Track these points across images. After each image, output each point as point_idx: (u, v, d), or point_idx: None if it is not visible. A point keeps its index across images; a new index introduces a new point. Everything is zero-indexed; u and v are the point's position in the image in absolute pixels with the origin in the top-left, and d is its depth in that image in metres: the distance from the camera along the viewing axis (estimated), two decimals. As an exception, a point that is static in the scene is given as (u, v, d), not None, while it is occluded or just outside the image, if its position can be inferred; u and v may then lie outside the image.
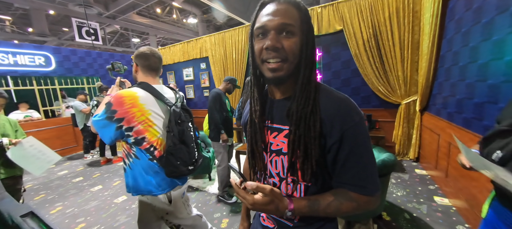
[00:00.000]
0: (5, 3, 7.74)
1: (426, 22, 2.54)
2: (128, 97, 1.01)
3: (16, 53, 4.36)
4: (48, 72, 4.80)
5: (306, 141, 0.51)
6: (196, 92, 5.39)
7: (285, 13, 0.49)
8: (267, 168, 0.61)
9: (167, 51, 5.58)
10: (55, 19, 9.66)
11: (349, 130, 0.49)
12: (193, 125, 1.26)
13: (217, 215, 2.22)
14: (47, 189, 3.12)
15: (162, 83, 1.26)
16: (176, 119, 1.08)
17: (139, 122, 1.02)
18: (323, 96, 0.53)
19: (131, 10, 7.95)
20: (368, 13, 3.05)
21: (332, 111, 0.51)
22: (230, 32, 4.39)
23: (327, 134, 0.51)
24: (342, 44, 3.40)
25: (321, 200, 0.52)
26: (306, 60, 0.52)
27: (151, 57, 1.15)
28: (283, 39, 0.49)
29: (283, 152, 0.56)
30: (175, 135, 1.06)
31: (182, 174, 1.10)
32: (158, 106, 1.09)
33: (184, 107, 1.21)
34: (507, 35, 1.35)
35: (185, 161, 1.10)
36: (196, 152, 1.20)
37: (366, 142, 0.51)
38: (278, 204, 0.50)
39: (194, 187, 2.88)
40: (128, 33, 11.88)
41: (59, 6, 7.36)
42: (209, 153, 2.96)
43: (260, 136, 0.60)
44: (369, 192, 0.51)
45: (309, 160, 0.51)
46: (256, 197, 0.49)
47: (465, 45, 1.86)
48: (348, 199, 0.52)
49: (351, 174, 0.51)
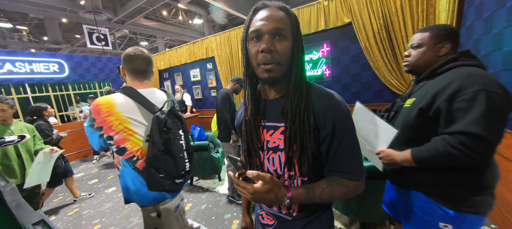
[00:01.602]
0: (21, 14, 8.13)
1: (442, 10, 2.39)
2: (104, 105, 0.93)
3: (31, 62, 4.55)
4: (62, 78, 4.99)
5: (302, 135, 0.55)
6: (204, 92, 5.42)
7: (277, 18, 0.52)
8: (264, 166, 0.65)
9: (174, 53, 5.64)
10: (68, 27, 10.04)
11: (339, 121, 0.54)
12: (185, 132, 1.13)
13: (227, 216, 2.21)
14: (65, 191, 3.24)
15: (151, 86, 1.15)
16: (160, 126, 0.96)
17: (118, 131, 0.94)
18: (313, 93, 0.58)
19: (138, 14, 8.11)
20: (378, 4, 2.91)
21: (323, 105, 0.56)
22: (235, 30, 4.35)
23: (320, 127, 0.56)
24: (351, 38, 3.27)
25: (316, 188, 0.57)
26: (297, 62, 0.56)
27: (136, 60, 1.05)
28: (276, 42, 0.53)
29: (280, 148, 0.60)
30: (156, 145, 0.95)
31: (166, 188, 0.98)
32: (140, 113, 0.99)
33: (173, 113, 1.08)
34: (538, 19, 1.22)
35: (170, 174, 0.99)
36: (187, 163, 1.09)
37: (353, 132, 0.57)
38: (278, 192, 0.53)
39: (204, 187, 2.90)
40: (137, 37, 12.15)
41: (70, 14, 7.62)
42: (218, 153, 2.96)
43: (256, 134, 0.64)
44: (357, 177, 0.57)
45: (305, 153, 0.56)
46: (256, 186, 0.52)
47: (487, 32, 1.73)
48: (340, 184, 0.57)
49: (341, 162, 0.56)
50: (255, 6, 0.56)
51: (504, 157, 1.51)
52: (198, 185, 2.99)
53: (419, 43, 0.90)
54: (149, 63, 1.10)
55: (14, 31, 9.73)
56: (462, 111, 0.70)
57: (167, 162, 0.99)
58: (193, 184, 3.03)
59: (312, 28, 3.55)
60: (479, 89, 0.69)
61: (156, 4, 7.45)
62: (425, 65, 0.89)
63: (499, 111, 0.69)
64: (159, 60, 6.04)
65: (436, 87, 0.79)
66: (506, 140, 1.48)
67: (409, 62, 0.94)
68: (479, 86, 0.69)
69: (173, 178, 1.01)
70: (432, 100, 0.78)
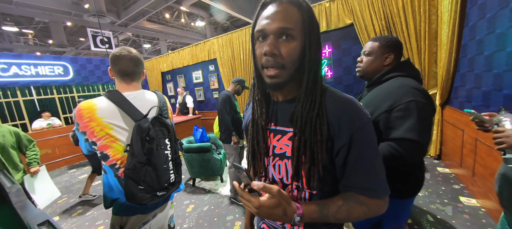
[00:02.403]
0: (27, 18, 8.28)
1: (445, 10, 2.38)
2: (85, 110, 0.89)
3: (37, 65, 4.63)
4: (67, 81, 5.06)
5: (312, 146, 0.49)
6: (206, 94, 5.45)
7: (285, 16, 0.47)
8: (269, 172, 0.59)
9: (176, 55, 5.68)
10: (72, 30, 10.19)
11: (358, 131, 0.47)
12: (173, 141, 1.04)
13: (229, 217, 2.21)
14: (69, 193, 3.27)
15: (140, 88, 1.07)
16: (142, 135, 0.89)
17: (100, 137, 0.89)
18: (328, 97, 0.51)
19: (141, 17, 8.20)
20: (380, 5, 2.90)
21: (338, 112, 0.49)
22: (237, 32, 4.37)
23: (335, 136, 0.49)
24: (353, 39, 3.27)
25: (331, 205, 0.50)
26: (310, 63, 0.50)
27: (122, 60, 0.97)
28: (282, 44, 0.48)
29: (286, 155, 0.54)
30: (137, 155, 0.88)
31: (145, 202, 0.91)
32: (123, 118, 0.93)
33: (160, 120, 0.99)
34: (542, 19, 1.21)
35: (151, 186, 0.92)
36: (172, 174, 1.02)
37: (375, 143, 0.50)
38: (286, 207, 0.46)
39: (206, 189, 2.90)
40: (140, 40, 12.28)
41: (75, 18, 7.74)
42: (220, 154, 2.96)
43: (262, 136, 0.59)
44: (379, 195, 0.50)
45: (315, 166, 0.49)
46: (262, 199, 0.45)
47: (491, 32, 1.71)
48: (358, 202, 0.49)
49: (360, 177, 0.49)
50: (263, 0, 0.51)
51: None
52: (200, 186, 3.00)
53: (369, 51, 1.01)
54: (137, 64, 1.02)
55: (20, 34, 9.91)
56: (399, 120, 0.83)
57: (148, 173, 0.92)
58: (196, 186, 3.04)
59: (314, 30, 3.55)
60: (410, 100, 0.82)
61: (159, 7, 7.53)
62: (373, 72, 1.01)
63: (426, 118, 0.83)
64: (161, 63, 6.09)
65: (373, 100, 0.93)
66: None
67: (361, 68, 1.05)
68: (410, 97, 0.82)
69: (155, 191, 0.94)
70: (370, 113, 0.90)
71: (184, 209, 2.48)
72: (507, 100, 1.52)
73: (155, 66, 6.26)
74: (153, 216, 1.07)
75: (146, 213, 1.01)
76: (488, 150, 1.74)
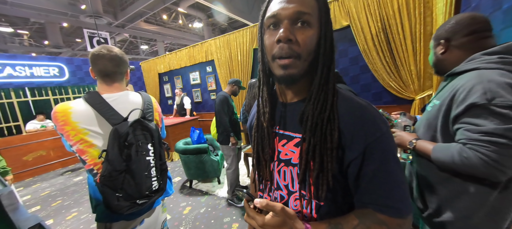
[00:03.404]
0: (22, 18, 8.19)
1: (439, 12, 2.41)
2: (60, 114, 0.85)
3: (32, 66, 4.58)
4: (62, 82, 5.00)
5: (322, 152, 0.44)
6: (204, 95, 5.43)
7: (301, 0, 0.42)
8: (274, 178, 0.55)
9: (173, 56, 5.66)
10: (69, 31, 10.10)
11: (375, 142, 0.42)
12: (157, 146, 0.97)
13: (227, 219, 2.20)
14: (64, 195, 3.22)
15: (124, 89, 1.02)
16: (119, 140, 0.83)
17: (75, 142, 0.85)
18: (341, 102, 0.46)
19: (138, 18, 8.16)
20: (376, 7, 2.93)
21: (352, 120, 0.44)
22: (235, 34, 4.38)
23: (346, 147, 0.44)
24: (350, 40, 3.29)
25: (344, 224, 0.43)
26: (324, 57, 0.45)
27: (101, 60, 0.92)
28: (297, 31, 0.43)
29: (292, 162, 0.50)
30: (112, 163, 0.82)
31: (122, 211, 0.85)
32: (99, 123, 0.88)
33: (142, 124, 0.92)
34: (533, 21, 1.23)
35: (130, 195, 0.86)
36: (155, 181, 0.94)
37: (395, 155, 0.44)
38: (293, 226, 0.42)
39: (203, 190, 2.88)
40: (137, 41, 12.22)
41: (71, 19, 7.68)
42: (217, 156, 2.95)
43: (268, 142, 0.54)
44: (401, 214, 0.43)
45: (324, 174, 0.44)
46: (267, 217, 0.42)
47: (484, 34, 1.74)
48: (377, 222, 0.43)
49: (379, 193, 0.43)
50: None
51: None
52: (197, 188, 2.98)
53: None
54: (118, 64, 0.95)
55: (15, 35, 9.80)
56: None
57: (127, 181, 0.86)
58: (192, 187, 3.02)
59: (311, 31, 3.57)
60: None
61: (156, 8, 7.50)
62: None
63: None
64: (159, 64, 6.06)
65: None
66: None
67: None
68: None
69: (134, 199, 0.87)
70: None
71: (181, 211, 2.46)
72: (500, 101, 1.54)
73: (152, 67, 6.23)
74: (141, 222, 1.03)
75: (131, 220, 0.96)
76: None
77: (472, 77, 0.66)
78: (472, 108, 0.63)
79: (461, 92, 0.66)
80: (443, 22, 2.37)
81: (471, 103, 0.63)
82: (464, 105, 0.65)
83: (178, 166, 3.95)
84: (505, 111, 0.59)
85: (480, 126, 0.62)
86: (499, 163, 0.59)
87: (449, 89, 0.72)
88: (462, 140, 0.65)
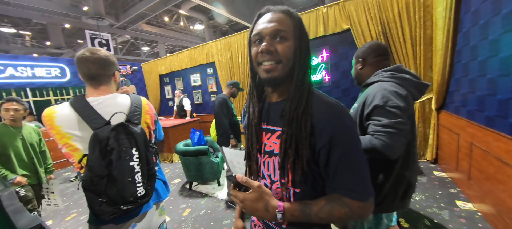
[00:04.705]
0: (25, 19, 8.24)
1: (439, 16, 2.42)
2: (46, 118, 0.85)
3: (33, 66, 4.60)
4: (64, 83, 5.02)
5: (297, 141, 0.53)
6: (204, 97, 5.44)
7: (278, 20, 0.54)
8: (260, 170, 0.63)
9: (175, 58, 5.69)
10: (70, 32, 10.16)
11: (339, 133, 0.50)
12: (143, 150, 0.91)
13: (226, 221, 2.19)
14: (63, 196, 3.21)
15: (113, 92, 0.99)
16: (100, 145, 0.81)
17: (61, 145, 0.86)
18: (315, 100, 0.55)
19: (140, 20, 8.21)
20: (376, 11, 2.95)
21: (322, 115, 0.52)
22: (236, 36, 4.40)
23: (317, 136, 0.52)
24: (350, 44, 3.31)
25: (313, 205, 0.53)
26: (300, 63, 0.55)
27: (84, 63, 0.90)
28: (277, 43, 0.53)
29: (274, 153, 0.59)
30: (93, 169, 0.80)
31: (104, 217, 0.83)
32: (81, 128, 0.87)
33: (126, 128, 0.87)
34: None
35: (113, 200, 0.84)
36: (141, 187, 0.90)
37: (358, 146, 0.53)
38: (268, 201, 0.52)
39: (203, 193, 2.87)
40: (138, 42, 12.27)
41: (73, 20, 7.73)
42: (217, 158, 2.95)
43: (256, 137, 0.63)
44: (362, 197, 0.51)
45: (299, 160, 0.52)
46: (246, 193, 0.52)
47: (484, 38, 1.75)
48: (341, 204, 0.51)
49: (343, 179, 0.51)
50: (259, 12, 0.58)
51: (503, 162, 1.50)
52: (197, 190, 2.97)
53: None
54: (103, 66, 0.93)
55: (17, 36, 9.85)
56: None
57: (109, 186, 0.83)
58: (192, 189, 3.01)
59: (311, 34, 3.59)
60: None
61: (158, 10, 7.55)
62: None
63: None
64: (160, 65, 6.09)
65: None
66: (505, 145, 1.48)
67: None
68: None
69: (118, 204, 0.85)
70: None
71: (181, 213, 2.45)
72: (501, 104, 1.54)
73: (153, 68, 6.25)
74: (133, 226, 1.01)
75: (119, 224, 0.94)
76: (483, 154, 1.76)
77: (376, 87, 0.93)
78: (376, 109, 0.88)
79: (369, 98, 0.92)
80: (443, 26, 2.39)
81: (375, 105, 0.88)
82: (371, 107, 0.89)
83: (178, 167, 3.94)
84: (394, 110, 0.84)
85: (380, 120, 0.86)
86: (391, 146, 0.82)
87: (363, 96, 0.97)
88: (371, 132, 0.87)
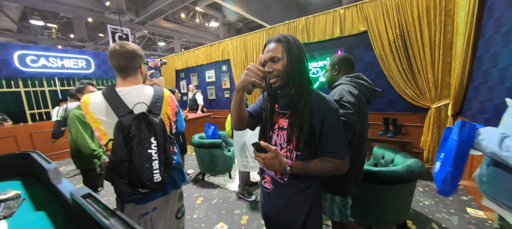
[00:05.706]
0: (53, 13, 8.77)
1: (461, 21, 2.38)
2: (83, 103, 0.96)
3: (63, 57, 4.95)
4: (88, 74, 5.36)
5: (301, 121, 0.80)
6: (218, 93, 5.60)
7: (272, 49, 0.82)
8: (273, 139, 0.90)
9: (191, 54, 5.88)
10: (93, 26, 10.69)
11: (328, 114, 0.78)
12: (161, 140, 0.97)
13: (237, 211, 2.31)
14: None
15: (139, 83, 1.07)
16: (123, 132, 0.89)
17: (94, 129, 0.96)
18: (313, 96, 0.82)
19: (158, 16, 8.49)
20: (395, 13, 2.93)
21: (317, 103, 0.80)
22: (252, 35, 4.49)
23: (313, 117, 0.79)
24: (366, 46, 3.30)
25: (310, 162, 0.80)
26: (296, 72, 0.80)
27: (114, 56, 0.99)
28: (273, 65, 0.81)
29: (284, 128, 0.86)
30: (117, 153, 0.89)
31: (126, 197, 0.93)
32: (109, 115, 0.95)
33: (146, 117, 0.94)
34: (556, 35, 1.24)
35: (132, 183, 0.92)
36: (157, 174, 0.96)
37: (340, 123, 0.81)
38: (281, 159, 0.79)
39: (215, 184, 3.01)
40: (155, 38, 12.67)
41: (97, 14, 8.13)
42: (229, 152, 3.07)
43: (270, 116, 0.92)
44: (342, 156, 0.80)
45: (302, 132, 0.79)
46: (266, 154, 0.79)
47: (505, 45, 1.72)
48: (328, 161, 0.79)
49: (330, 144, 0.79)
50: (268, 40, 0.86)
51: None
52: (209, 181, 3.12)
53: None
54: (130, 59, 1.01)
55: (44, 28, 10.50)
56: None
57: (130, 170, 0.91)
58: (205, 180, 3.16)
59: (327, 35, 3.61)
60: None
61: (176, 7, 7.78)
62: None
63: None
64: (177, 61, 6.31)
65: None
66: None
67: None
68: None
69: (137, 187, 0.94)
70: None
71: (194, 200, 2.60)
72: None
73: (170, 64, 6.49)
74: (153, 209, 1.09)
75: (140, 204, 1.02)
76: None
77: (339, 87, 1.22)
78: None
79: (332, 94, 1.21)
80: (463, 31, 2.35)
81: (335, 99, 1.12)
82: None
83: (191, 159, 4.12)
84: (345, 104, 1.10)
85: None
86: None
87: (331, 93, 1.24)
88: None
